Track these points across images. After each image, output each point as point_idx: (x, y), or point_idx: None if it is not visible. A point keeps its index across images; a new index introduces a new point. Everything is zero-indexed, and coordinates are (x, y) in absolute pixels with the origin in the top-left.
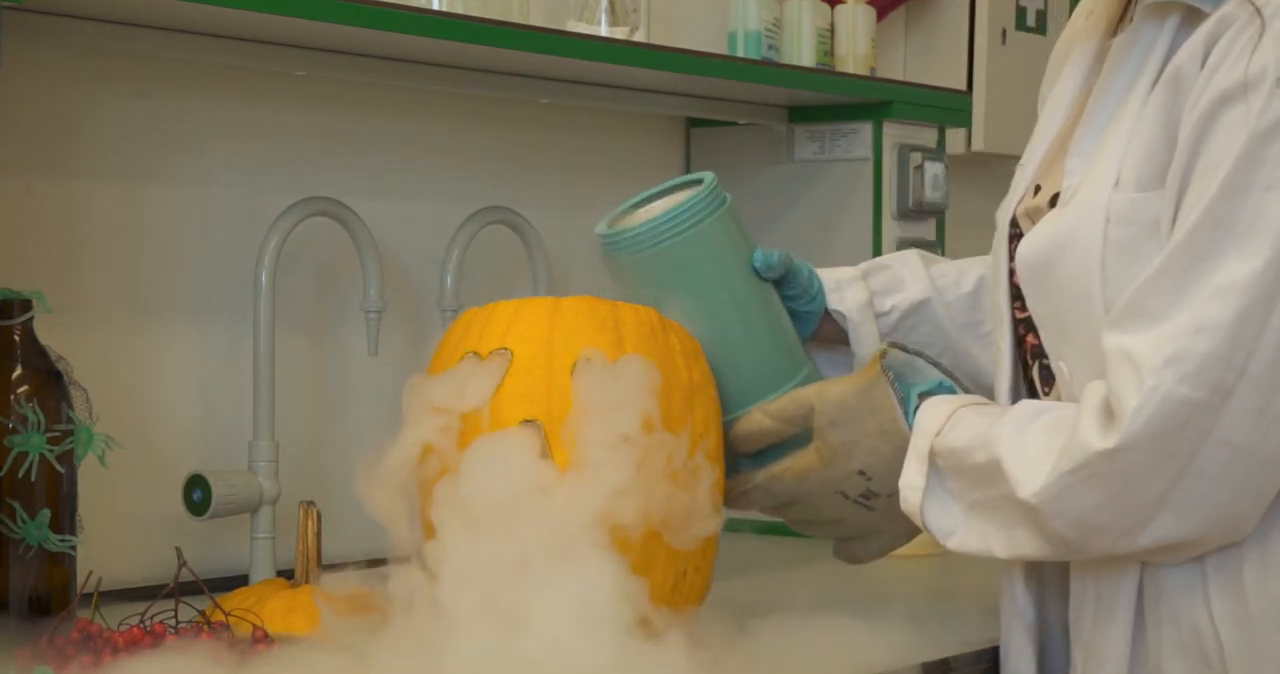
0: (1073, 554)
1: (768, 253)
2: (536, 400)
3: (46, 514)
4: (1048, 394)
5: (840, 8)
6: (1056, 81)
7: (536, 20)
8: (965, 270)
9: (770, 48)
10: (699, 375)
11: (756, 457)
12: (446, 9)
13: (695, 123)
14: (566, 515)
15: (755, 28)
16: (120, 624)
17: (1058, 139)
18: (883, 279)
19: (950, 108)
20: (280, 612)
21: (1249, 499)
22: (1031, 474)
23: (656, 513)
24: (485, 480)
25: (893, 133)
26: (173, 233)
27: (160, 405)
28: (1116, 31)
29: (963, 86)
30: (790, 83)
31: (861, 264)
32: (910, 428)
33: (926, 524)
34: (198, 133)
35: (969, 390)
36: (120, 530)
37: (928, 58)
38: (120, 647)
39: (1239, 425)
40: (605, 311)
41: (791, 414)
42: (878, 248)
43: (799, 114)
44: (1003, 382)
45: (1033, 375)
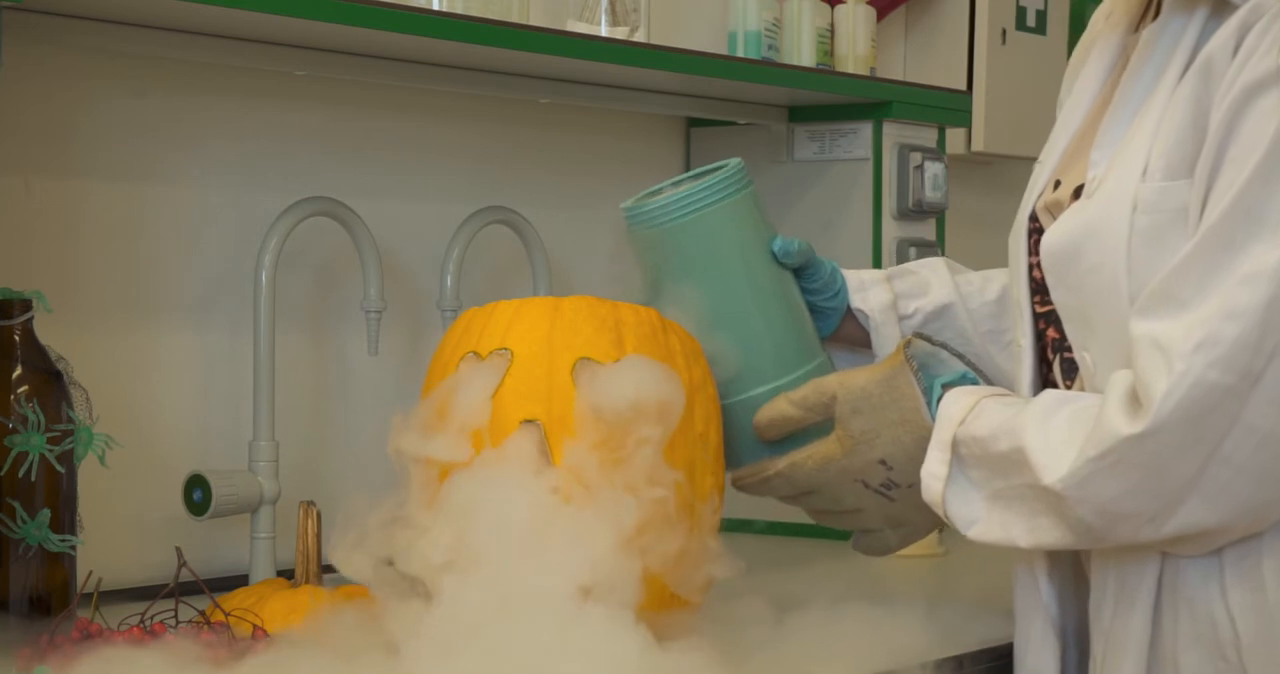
0: (1096, 542)
1: (788, 240)
2: (536, 400)
3: (46, 514)
4: (1069, 388)
5: (840, 7)
6: (1076, 81)
7: (536, 20)
8: (990, 279)
9: (770, 48)
10: (699, 375)
11: (778, 444)
12: (446, 9)
13: (695, 123)
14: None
15: (755, 28)
16: (120, 624)
17: (1078, 135)
18: (908, 283)
19: (950, 108)
20: (280, 612)
21: (1275, 486)
22: (1056, 461)
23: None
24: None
25: (893, 133)
26: (173, 233)
27: (160, 405)
28: (1138, 28)
29: (963, 86)
30: (790, 83)
31: (887, 268)
32: (933, 418)
33: (948, 513)
34: (197, 133)
35: (992, 383)
36: (120, 530)
37: (928, 58)
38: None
39: (1266, 411)
40: (605, 312)
41: (814, 402)
42: (878, 248)
43: (799, 114)
44: (1024, 376)
45: (1054, 369)
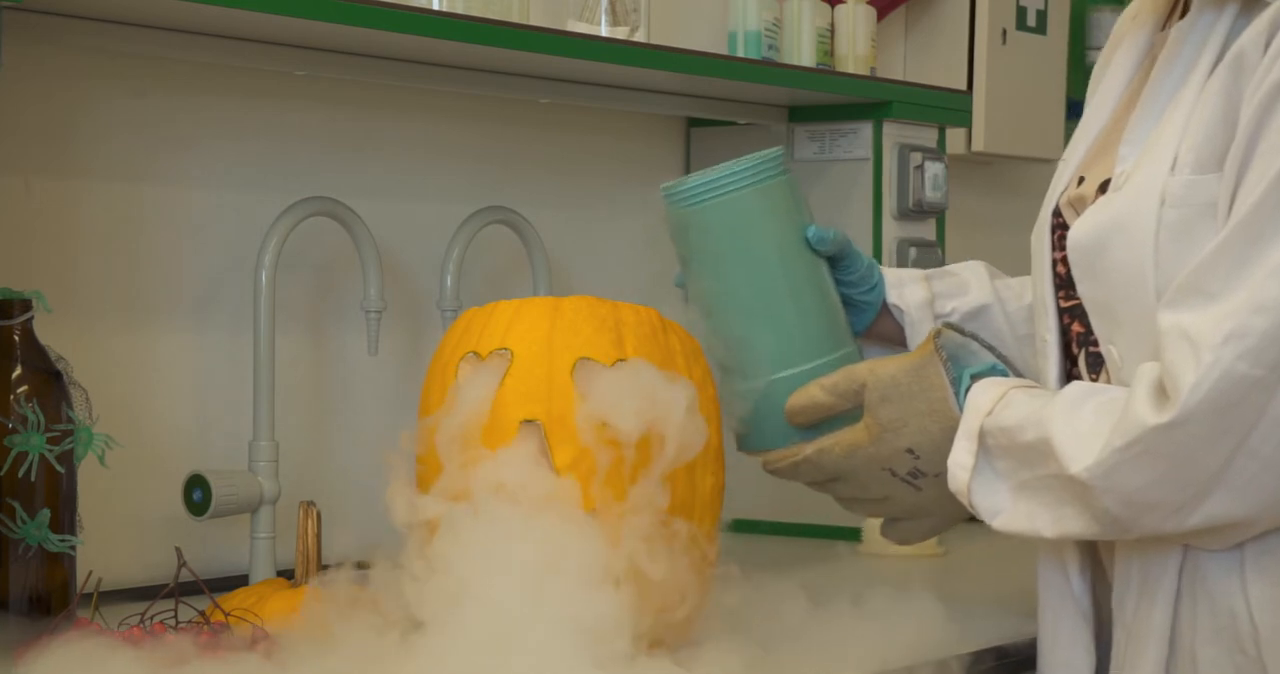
0: (1122, 533)
1: (823, 228)
2: (537, 400)
3: (46, 514)
4: (1095, 381)
5: (840, 7)
6: (1101, 80)
7: (536, 20)
8: (1029, 284)
9: (770, 48)
10: (699, 375)
11: (807, 429)
12: (446, 9)
13: (695, 123)
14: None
15: (755, 27)
16: (120, 624)
17: (1103, 132)
18: (947, 283)
19: (950, 108)
20: (280, 612)
21: None
22: (1083, 450)
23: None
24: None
25: (893, 133)
26: (172, 232)
27: (160, 405)
28: (1165, 27)
29: (963, 86)
30: (790, 83)
31: (926, 270)
32: (961, 408)
33: (973, 503)
34: (197, 133)
35: (1021, 375)
36: (120, 530)
37: (928, 58)
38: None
39: None
40: (605, 312)
41: (844, 389)
42: (878, 248)
43: (799, 114)
44: (1050, 371)
45: (1079, 363)
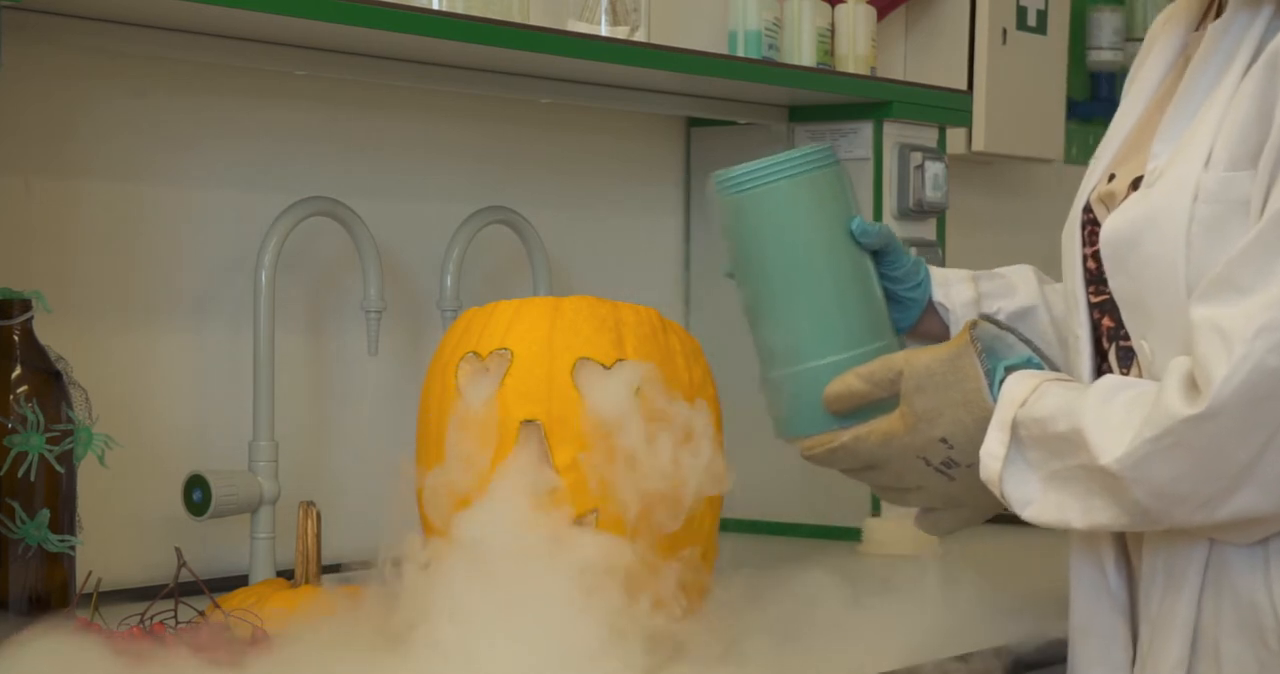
0: (1151, 525)
1: (867, 222)
2: (537, 400)
3: (46, 514)
4: (1126, 375)
5: (840, 7)
6: (1134, 80)
7: (536, 20)
8: None
9: (770, 47)
10: (699, 375)
11: (843, 417)
12: (446, 9)
13: (695, 123)
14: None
15: (755, 27)
16: (120, 624)
17: (1135, 130)
18: (994, 284)
19: (950, 108)
20: (280, 612)
21: None
22: (1113, 442)
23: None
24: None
25: (893, 132)
26: (172, 233)
27: (160, 405)
28: (1199, 27)
29: (963, 86)
30: (790, 82)
31: (974, 271)
32: (994, 399)
33: (1004, 493)
34: (197, 133)
35: (1056, 369)
36: (120, 530)
37: (928, 58)
38: (120, 647)
39: None
40: (605, 312)
41: (881, 378)
42: None
43: (799, 114)
44: (1083, 366)
45: (1109, 357)
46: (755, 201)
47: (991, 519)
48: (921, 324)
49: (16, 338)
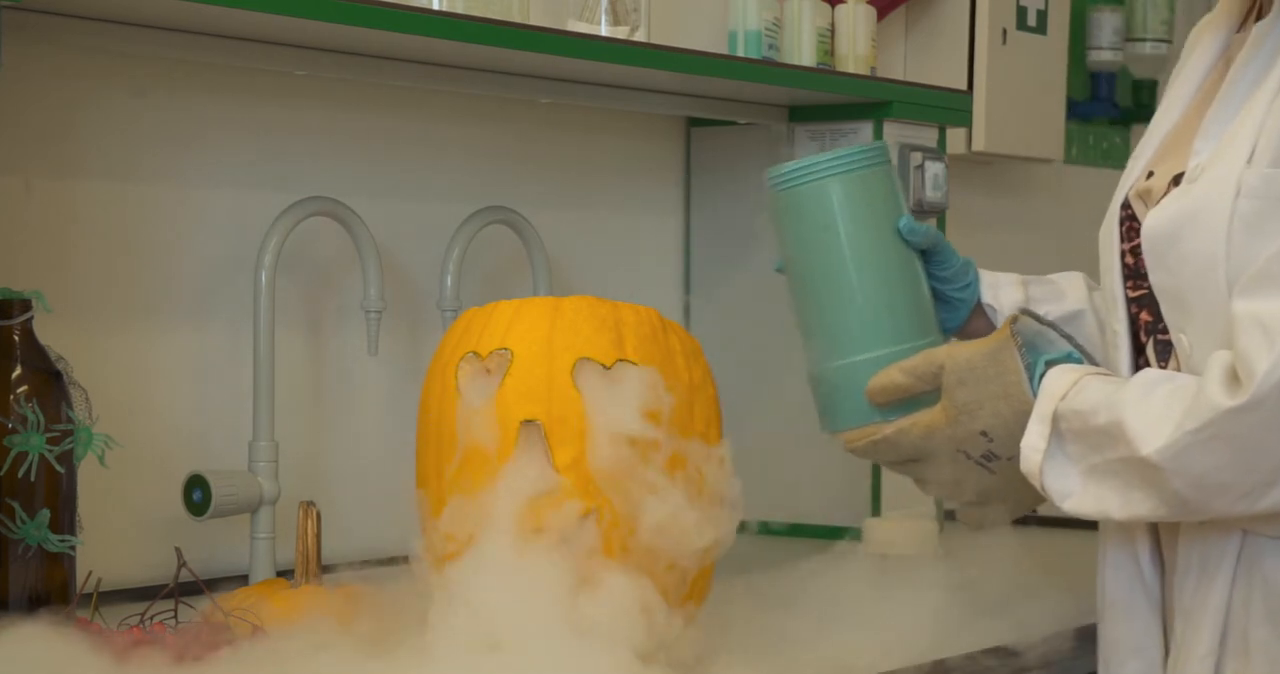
0: (1190, 515)
1: (916, 221)
2: (536, 400)
3: (46, 514)
4: (1164, 369)
5: (840, 7)
6: (1175, 80)
7: (536, 20)
8: None
9: (770, 47)
10: (699, 375)
11: (886, 410)
12: (446, 9)
13: (695, 123)
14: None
15: (755, 27)
16: (120, 624)
17: (1176, 129)
18: (1044, 289)
19: (950, 108)
20: (280, 612)
21: None
22: (1154, 433)
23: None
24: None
25: (893, 132)
26: (173, 232)
27: (160, 405)
28: (1240, 29)
29: (963, 86)
30: (790, 82)
31: (1024, 275)
32: (1035, 393)
33: (1044, 485)
34: (198, 133)
35: (1096, 364)
36: (120, 530)
37: (928, 58)
38: (120, 647)
39: None
40: (605, 312)
41: (923, 371)
42: None
43: (799, 114)
44: (1121, 361)
45: (1147, 351)
46: (806, 197)
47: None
48: (970, 325)
49: (16, 338)
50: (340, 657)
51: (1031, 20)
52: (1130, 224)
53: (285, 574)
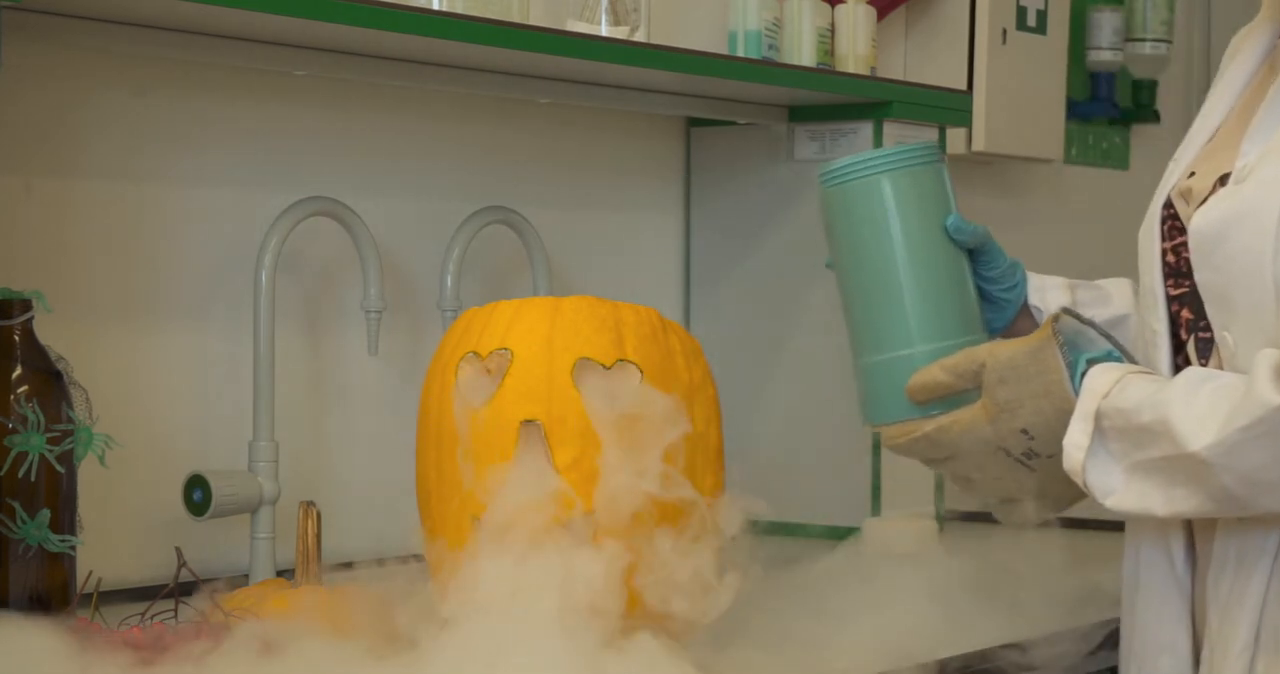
0: (1235, 511)
1: (964, 220)
2: (536, 400)
3: (46, 514)
4: (1205, 366)
5: (840, 7)
6: (1218, 84)
7: (536, 20)
8: None
9: (770, 47)
10: (699, 375)
11: (926, 407)
12: (446, 9)
13: (695, 123)
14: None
15: (755, 27)
16: (120, 624)
17: (1221, 131)
18: (1090, 293)
19: (950, 108)
20: (280, 612)
21: None
22: (1202, 430)
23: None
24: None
25: (893, 133)
26: (173, 233)
27: (160, 405)
28: None
29: (963, 86)
30: (790, 82)
31: (1072, 279)
32: (1075, 392)
33: (1087, 483)
34: (198, 133)
35: (1136, 364)
36: (120, 530)
37: (928, 58)
38: (120, 647)
39: None
40: (605, 312)
41: (964, 369)
42: None
43: (799, 114)
44: (1161, 360)
45: (1188, 348)
46: (856, 193)
47: (990, 519)
48: (1015, 325)
49: (17, 338)
50: (340, 657)
51: (1031, 20)
52: (1172, 223)
53: (285, 574)
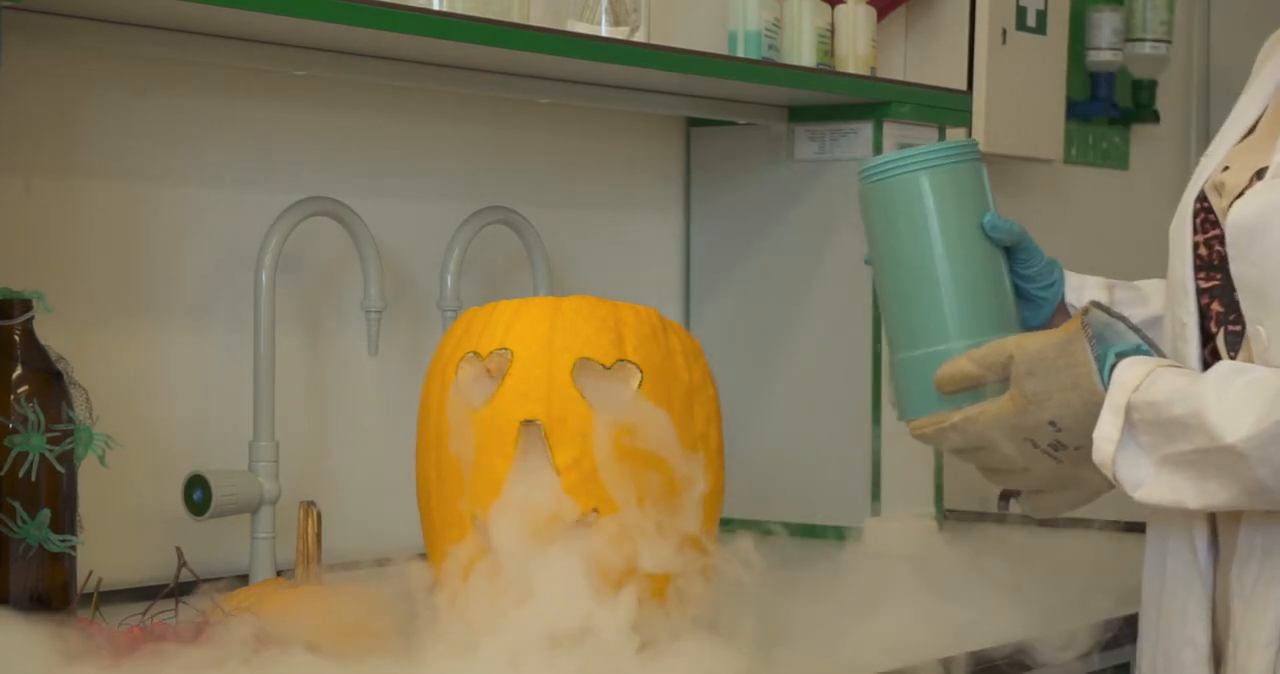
0: (1269, 504)
1: (1001, 218)
2: (536, 400)
3: (46, 514)
4: (1234, 359)
5: (840, 7)
6: (1253, 82)
7: (536, 20)
8: None
9: (770, 48)
10: (699, 375)
11: (955, 399)
12: (446, 9)
13: (695, 123)
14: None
15: (755, 27)
16: (120, 624)
17: (1256, 127)
18: (1128, 293)
19: (950, 108)
20: (280, 612)
21: None
22: (1238, 423)
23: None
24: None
25: (893, 133)
26: (173, 233)
27: (160, 405)
28: None
29: (963, 86)
30: (790, 83)
31: (1110, 279)
32: (1104, 385)
33: (1117, 476)
34: (198, 133)
35: (1163, 357)
36: (120, 530)
37: (928, 58)
38: (120, 646)
39: None
40: (605, 312)
41: (992, 361)
42: None
43: (799, 114)
44: (1190, 352)
45: (1217, 340)
46: (894, 190)
47: (990, 519)
48: (1051, 324)
49: (17, 338)
50: (340, 657)
51: (1031, 20)
52: (1205, 216)
53: (285, 574)
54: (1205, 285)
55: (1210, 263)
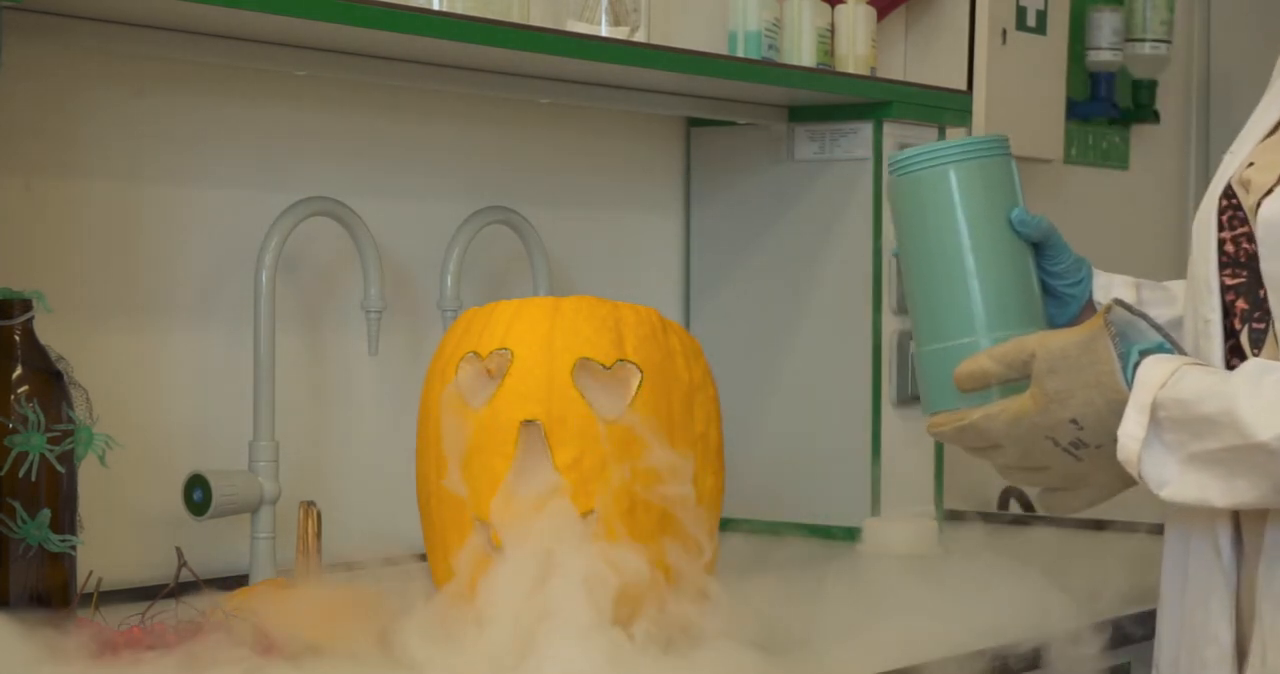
0: None
1: (1029, 213)
2: (537, 400)
3: (46, 514)
4: (1258, 356)
5: (840, 7)
6: (1276, 80)
7: (536, 20)
8: None
9: (770, 48)
10: (699, 375)
11: (975, 396)
12: (446, 9)
13: (695, 123)
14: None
15: (755, 28)
16: (120, 624)
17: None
18: (1155, 293)
19: (950, 108)
20: (280, 612)
21: None
22: (1270, 420)
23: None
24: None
25: (893, 133)
26: (173, 233)
27: (160, 405)
28: None
29: (963, 86)
30: (790, 83)
31: (1138, 278)
32: (1127, 383)
33: (1142, 474)
34: (198, 133)
35: (1186, 355)
36: (120, 530)
37: (928, 58)
38: (120, 646)
39: None
40: (605, 312)
41: (1013, 359)
42: (878, 248)
43: (799, 114)
44: (1215, 350)
45: (1241, 338)
46: (923, 183)
47: (989, 518)
48: (1078, 322)
49: (17, 338)
50: (340, 657)
51: (1031, 20)
52: (1233, 213)
53: (285, 574)
54: (1230, 282)
55: (1236, 260)
